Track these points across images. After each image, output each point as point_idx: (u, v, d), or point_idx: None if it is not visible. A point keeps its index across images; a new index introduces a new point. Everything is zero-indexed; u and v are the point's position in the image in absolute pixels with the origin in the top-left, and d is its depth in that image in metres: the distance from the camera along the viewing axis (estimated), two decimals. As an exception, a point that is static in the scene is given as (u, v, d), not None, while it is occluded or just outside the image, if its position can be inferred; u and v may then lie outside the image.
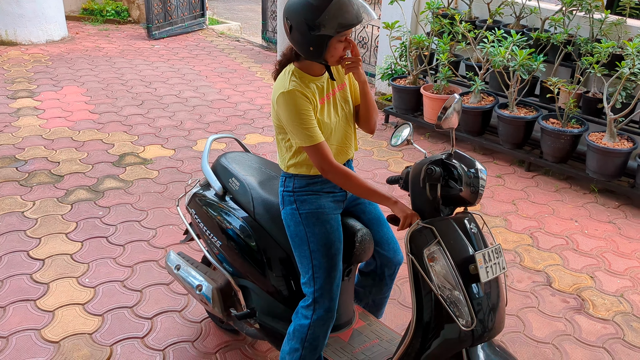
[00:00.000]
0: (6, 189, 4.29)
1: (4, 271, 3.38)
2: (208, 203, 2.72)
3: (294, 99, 2.14)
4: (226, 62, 7.91)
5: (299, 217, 2.31)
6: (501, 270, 2.10)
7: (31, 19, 8.03)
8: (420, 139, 5.56)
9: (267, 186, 2.60)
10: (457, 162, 2.13)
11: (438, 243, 2.05)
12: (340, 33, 2.08)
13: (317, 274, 2.29)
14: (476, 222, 2.19)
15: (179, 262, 2.86)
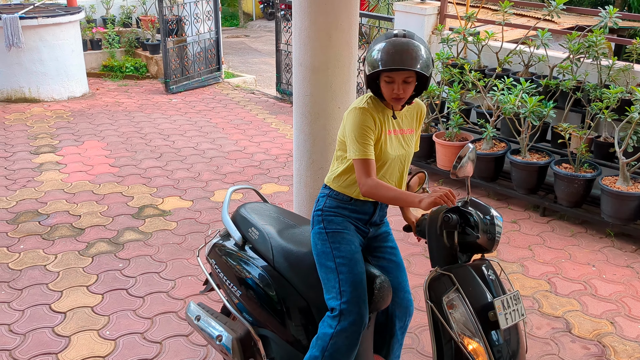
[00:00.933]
0: (29, 243, 4.39)
1: (26, 325, 3.44)
2: (228, 253, 2.76)
3: (362, 114, 2.32)
4: (242, 114, 8.10)
5: (325, 235, 2.42)
6: (520, 317, 2.12)
7: (54, 77, 8.33)
8: (434, 185, 5.61)
9: (285, 235, 2.65)
10: (473, 210, 2.20)
11: (457, 290, 2.09)
12: (384, 72, 2.23)
13: (343, 287, 2.34)
14: (494, 268, 2.23)
15: (199, 313, 2.87)
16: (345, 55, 3.14)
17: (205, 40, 9.59)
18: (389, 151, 2.36)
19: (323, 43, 3.10)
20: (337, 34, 3.07)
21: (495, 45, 5.69)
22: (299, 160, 3.41)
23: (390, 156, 2.37)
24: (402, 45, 2.22)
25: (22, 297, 3.72)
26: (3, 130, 7.02)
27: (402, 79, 2.24)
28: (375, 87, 2.33)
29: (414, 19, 6.30)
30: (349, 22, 3.09)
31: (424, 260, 4.25)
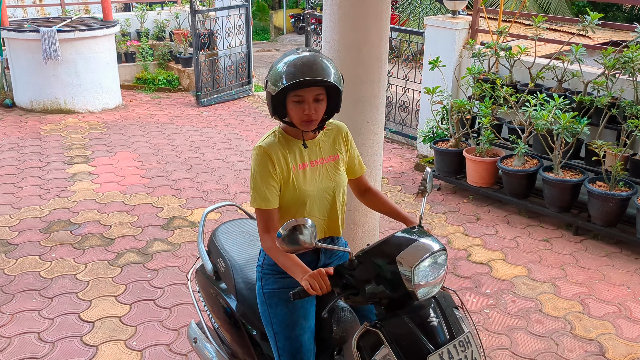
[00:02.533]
0: (61, 252, 4.46)
1: (55, 333, 3.48)
2: (205, 282, 2.74)
3: (258, 155, 2.12)
4: (270, 127, 8.11)
5: (263, 296, 2.24)
6: None
7: (88, 89, 8.51)
8: (463, 201, 5.53)
9: (253, 263, 2.44)
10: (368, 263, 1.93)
11: (386, 346, 1.88)
12: (292, 90, 2.02)
13: (282, 357, 2.22)
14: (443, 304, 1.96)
15: (196, 335, 2.84)
16: (374, 70, 3.12)
17: (236, 54, 9.70)
18: (304, 188, 2.15)
19: (352, 57, 3.09)
20: (367, 48, 3.06)
21: (527, 60, 5.61)
22: (327, 174, 3.40)
23: (307, 192, 2.16)
24: (308, 57, 2.02)
25: (52, 305, 3.77)
26: (39, 140, 7.19)
27: (312, 97, 2.04)
28: (282, 113, 2.09)
29: (444, 33, 6.27)
30: (379, 36, 3.08)
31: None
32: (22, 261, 4.31)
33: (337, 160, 2.28)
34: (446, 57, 6.10)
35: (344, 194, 2.30)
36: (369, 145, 3.26)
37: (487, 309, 3.80)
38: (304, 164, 2.18)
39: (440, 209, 5.38)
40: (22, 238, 4.67)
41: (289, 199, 2.16)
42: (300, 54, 2.05)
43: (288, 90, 2.02)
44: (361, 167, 2.42)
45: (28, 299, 3.83)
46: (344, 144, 2.32)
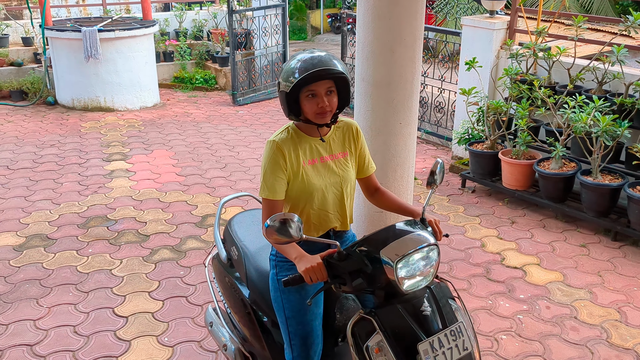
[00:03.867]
0: (97, 247, 4.56)
1: (90, 327, 3.57)
2: (220, 269, 2.87)
3: (271, 149, 2.23)
4: (305, 126, 8.15)
5: (277, 282, 2.33)
6: (461, 353, 1.95)
7: (127, 87, 8.68)
8: (498, 204, 5.45)
9: (263, 252, 2.59)
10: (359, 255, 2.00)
11: (379, 333, 1.95)
12: (305, 85, 2.12)
13: (293, 341, 2.32)
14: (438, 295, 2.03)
15: (212, 320, 2.99)
16: (408, 71, 3.10)
17: (272, 53, 9.75)
18: (313, 182, 2.25)
19: (386, 58, 3.07)
20: (401, 49, 3.04)
21: (567, 61, 5.49)
22: (358, 175, 3.39)
23: (316, 186, 2.26)
24: (317, 53, 2.17)
25: (87, 299, 3.86)
26: (79, 137, 7.36)
27: (324, 90, 2.15)
28: (297, 111, 2.20)
29: (482, 33, 6.18)
30: (413, 37, 3.06)
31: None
32: (60, 255, 4.42)
33: (347, 156, 2.36)
34: (483, 58, 6.01)
35: (352, 189, 2.39)
36: (401, 147, 3.24)
37: (520, 315, 3.73)
38: (314, 160, 2.29)
39: (475, 211, 5.30)
40: (60, 233, 4.79)
41: (298, 192, 2.26)
42: (309, 52, 2.18)
43: (301, 86, 2.12)
44: (371, 167, 2.49)
45: (65, 293, 3.93)
46: (354, 142, 2.40)
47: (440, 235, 2.24)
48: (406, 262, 1.94)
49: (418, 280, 1.98)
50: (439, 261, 2.04)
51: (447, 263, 4.38)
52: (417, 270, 1.97)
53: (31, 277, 4.12)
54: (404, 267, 1.94)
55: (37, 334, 3.50)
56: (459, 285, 4.09)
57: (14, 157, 6.61)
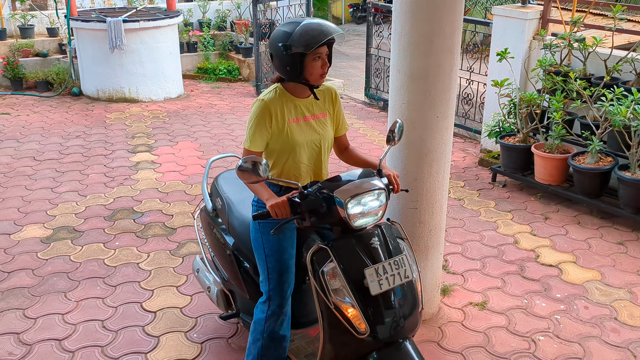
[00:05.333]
0: (124, 240, 4.53)
1: (119, 322, 3.53)
2: (206, 219, 3.27)
3: (259, 107, 2.51)
4: (330, 118, 8.05)
5: (257, 225, 2.64)
6: (402, 280, 2.29)
7: (152, 78, 8.65)
8: (530, 199, 5.30)
9: (244, 202, 2.98)
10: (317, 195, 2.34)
11: (333, 261, 2.29)
12: (311, 50, 2.38)
13: (270, 275, 2.62)
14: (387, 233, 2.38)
15: (199, 267, 3.42)
16: (446, 63, 2.98)
17: (296, 44, 9.64)
18: (296, 138, 2.54)
19: (424, 49, 2.96)
20: (439, 40, 2.93)
21: (603, 52, 5.31)
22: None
23: (298, 142, 2.55)
24: (318, 21, 2.44)
25: (115, 294, 3.82)
26: (104, 128, 7.36)
27: (325, 53, 2.46)
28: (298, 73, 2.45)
29: (513, 23, 6.01)
30: (451, 27, 2.94)
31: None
32: (87, 248, 4.40)
33: (326, 117, 2.68)
34: (515, 49, 5.85)
35: (330, 146, 2.72)
36: (437, 141, 3.13)
37: (557, 315, 3.61)
38: (298, 118, 2.58)
39: (506, 206, 5.17)
40: (87, 225, 4.77)
41: (282, 146, 2.56)
42: (307, 19, 2.44)
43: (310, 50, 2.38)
44: (344, 127, 2.81)
45: (93, 287, 3.90)
46: (332, 104, 2.71)
47: (397, 188, 2.58)
48: (357, 202, 2.28)
49: (367, 219, 2.33)
50: (386, 204, 2.38)
51: (480, 260, 4.27)
52: (366, 210, 2.31)
53: (59, 270, 4.10)
54: (355, 206, 2.28)
55: (65, 328, 3.47)
56: (493, 283, 3.98)
57: (40, 148, 6.62)
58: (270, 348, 2.66)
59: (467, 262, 4.26)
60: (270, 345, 2.66)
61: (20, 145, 6.69)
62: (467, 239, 4.59)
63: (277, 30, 2.47)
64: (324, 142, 2.65)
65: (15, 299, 3.75)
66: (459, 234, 4.67)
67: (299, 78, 2.48)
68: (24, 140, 6.88)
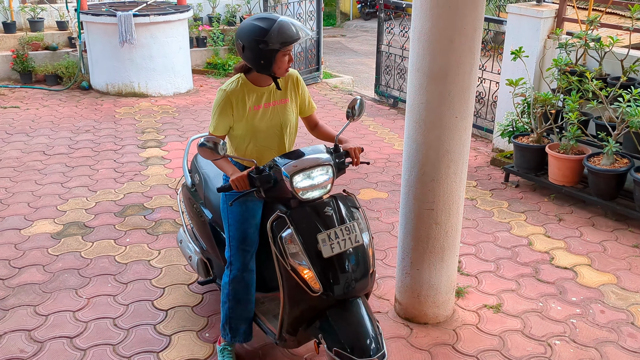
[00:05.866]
0: (135, 237, 4.50)
1: (130, 320, 3.50)
2: (186, 194, 3.57)
3: (221, 97, 2.75)
4: (340, 115, 8.01)
5: (224, 197, 2.91)
6: (353, 244, 2.55)
7: (161, 73, 8.61)
8: (544, 200, 5.25)
9: (221, 179, 3.18)
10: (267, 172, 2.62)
11: (290, 228, 2.53)
12: (284, 47, 2.60)
13: (232, 243, 2.89)
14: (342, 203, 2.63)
15: (182, 238, 3.69)
16: (466, 62, 2.93)
17: (306, 40, 9.59)
18: (257, 124, 2.78)
19: (444, 48, 2.91)
20: (460, 38, 2.87)
21: (620, 52, 5.23)
22: (408, 171, 3.23)
23: (259, 128, 2.79)
24: (292, 21, 2.65)
25: (126, 291, 3.80)
26: (114, 123, 7.33)
27: (290, 50, 2.68)
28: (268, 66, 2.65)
29: (528, 22, 5.94)
30: (473, 26, 2.88)
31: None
32: (98, 245, 4.37)
33: (287, 103, 2.87)
34: (529, 47, 5.78)
35: (292, 129, 2.91)
36: (456, 142, 3.08)
37: (573, 319, 3.57)
38: (259, 106, 2.79)
39: (520, 207, 5.11)
40: (98, 221, 4.74)
41: (244, 132, 2.80)
42: (281, 17, 2.62)
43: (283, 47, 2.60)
44: (311, 107, 3.04)
45: (104, 284, 3.87)
46: (294, 89, 2.91)
47: (357, 161, 2.80)
48: (306, 176, 2.54)
49: (315, 192, 2.58)
50: (334, 177, 2.63)
51: (494, 261, 4.22)
52: (316, 183, 2.57)
53: (70, 266, 4.07)
54: (302, 180, 2.54)
55: (76, 325, 3.44)
56: (507, 285, 3.93)
57: (50, 142, 6.60)
58: (236, 309, 2.94)
59: (481, 263, 4.21)
60: (236, 306, 2.94)
61: (30, 139, 6.67)
62: (480, 240, 4.54)
63: (252, 24, 2.62)
64: (285, 127, 2.87)
65: (26, 295, 3.73)
66: (473, 235, 4.62)
67: (267, 70, 2.68)
68: (34, 134, 6.86)
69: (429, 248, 3.30)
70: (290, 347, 2.93)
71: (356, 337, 2.50)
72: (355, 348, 2.47)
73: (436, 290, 3.41)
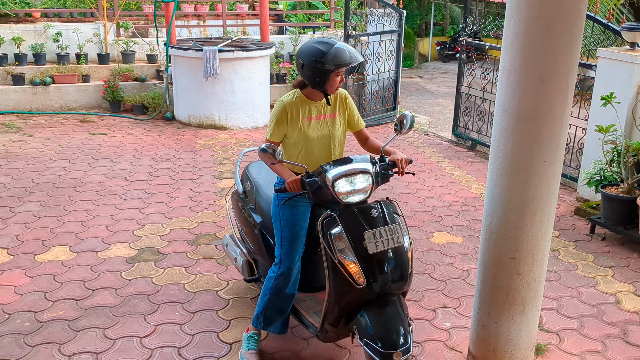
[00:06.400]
0: (205, 266, 4.51)
1: (194, 351, 3.46)
2: (236, 199, 3.89)
3: (281, 107, 3.12)
4: (415, 155, 7.88)
5: (277, 201, 3.22)
6: (395, 244, 2.82)
7: (241, 107, 8.82)
8: (634, 256, 4.88)
9: (269, 186, 3.53)
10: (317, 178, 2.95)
11: (339, 225, 2.82)
12: (338, 69, 2.97)
13: (283, 243, 3.20)
14: (385, 207, 2.91)
15: (228, 242, 4.04)
16: (558, 104, 2.77)
17: (384, 79, 9.60)
18: (308, 133, 3.14)
19: (534, 89, 2.77)
20: (552, 79, 2.73)
21: None
22: (490, 216, 3.07)
23: (310, 137, 3.14)
24: (347, 47, 3.02)
25: (193, 320, 3.78)
26: (193, 153, 7.52)
27: (343, 72, 3.04)
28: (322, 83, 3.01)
29: (620, 67, 5.65)
30: (567, 67, 2.73)
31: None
32: (169, 272, 4.41)
33: (335, 117, 3.24)
34: (621, 93, 5.49)
35: (339, 141, 3.26)
36: (544, 188, 2.90)
37: (669, 390, 3.23)
38: (311, 117, 3.16)
39: (606, 262, 4.77)
40: (171, 248, 4.80)
41: (296, 140, 3.16)
42: (339, 43, 3.00)
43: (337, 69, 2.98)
44: (360, 123, 3.37)
45: (172, 312, 3.88)
46: (343, 105, 3.27)
47: (402, 171, 3.06)
48: (347, 181, 2.86)
49: (355, 197, 2.88)
50: (373, 184, 2.91)
51: (577, 319, 3.92)
52: (357, 188, 2.88)
53: (140, 291, 4.12)
54: (343, 185, 2.85)
55: (142, 352, 3.44)
56: (592, 346, 3.63)
57: (132, 169, 6.83)
58: (275, 302, 3.22)
59: (563, 320, 3.93)
60: (275, 299, 3.21)
61: (113, 165, 6.93)
62: (562, 294, 4.25)
63: (313, 47, 3.00)
64: (332, 138, 3.22)
65: (97, 317, 3.78)
66: (554, 288, 4.33)
67: (321, 87, 3.05)
68: (118, 160, 7.14)
69: (508, 300, 3.10)
70: (330, 340, 3.17)
71: (386, 331, 2.76)
72: (383, 340, 2.73)
73: (514, 346, 3.18)
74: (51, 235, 4.97)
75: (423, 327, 3.78)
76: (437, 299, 4.16)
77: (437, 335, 3.71)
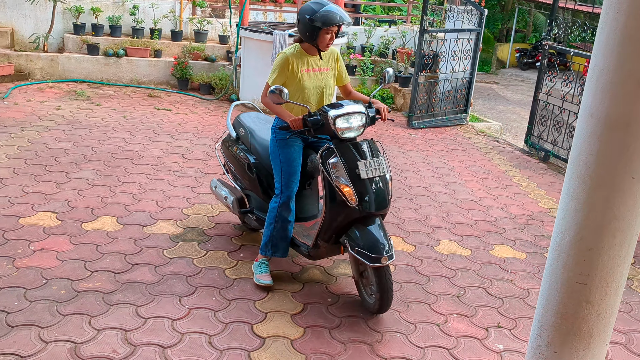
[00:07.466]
0: (248, 253, 4.34)
1: (226, 341, 3.28)
2: (228, 144, 4.38)
3: (284, 58, 3.65)
4: (482, 161, 7.47)
5: (275, 142, 3.75)
6: (381, 173, 3.47)
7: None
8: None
9: (261, 131, 4.17)
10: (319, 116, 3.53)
11: (336, 156, 3.41)
12: (326, 27, 3.50)
13: (283, 176, 3.71)
14: (372, 144, 3.55)
15: (216, 184, 4.58)
16: (656, 113, 2.40)
17: (457, 79, 9.19)
18: (305, 83, 3.67)
19: (629, 92, 2.40)
20: (652, 84, 2.36)
21: None
22: (561, 233, 2.72)
23: (306, 86, 3.68)
24: (337, 8, 3.53)
25: (229, 308, 3.61)
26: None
27: (334, 31, 3.57)
28: (312, 38, 3.57)
29: None
30: (671, 71, 2.36)
31: None
32: (211, 254, 4.27)
33: (328, 71, 3.79)
34: None
35: (330, 91, 3.82)
36: (628, 207, 2.52)
37: None
38: (308, 69, 3.70)
39: (687, 298, 4.28)
40: (216, 230, 4.67)
41: (295, 88, 3.67)
42: (328, 4, 3.53)
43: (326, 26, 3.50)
44: (346, 78, 3.95)
45: (208, 296, 3.72)
46: (335, 62, 3.84)
47: (384, 117, 3.70)
48: (345, 119, 3.42)
49: (351, 133, 3.47)
50: (365, 124, 3.53)
51: (625, 334, 3.51)
52: (353, 125, 3.46)
53: (180, 271, 3.99)
54: (342, 123, 3.42)
55: (172, 335, 3.29)
56: (664, 391, 3.21)
57: (191, 147, 6.77)
58: (280, 229, 3.73)
59: (632, 357, 3.52)
60: (280, 227, 3.72)
61: (173, 141, 6.90)
62: (633, 329, 3.83)
63: (308, 5, 3.52)
64: (325, 88, 3.77)
65: (132, 293, 3.67)
66: (624, 321, 3.91)
67: (313, 42, 3.60)
68: (178, 137, 7.10)
69: (573, 329, 2.74)
70: (320, 256, 3.76)
71: (374, 241, 3.37)
72: (372, 248, 3.34)
73: (574, 381, 2.82)
74: (101, 205, 4.94)
75: (472, 346, 3.47)
76: (491, 316, 3.83)
77: (487, 357, 3.39)
